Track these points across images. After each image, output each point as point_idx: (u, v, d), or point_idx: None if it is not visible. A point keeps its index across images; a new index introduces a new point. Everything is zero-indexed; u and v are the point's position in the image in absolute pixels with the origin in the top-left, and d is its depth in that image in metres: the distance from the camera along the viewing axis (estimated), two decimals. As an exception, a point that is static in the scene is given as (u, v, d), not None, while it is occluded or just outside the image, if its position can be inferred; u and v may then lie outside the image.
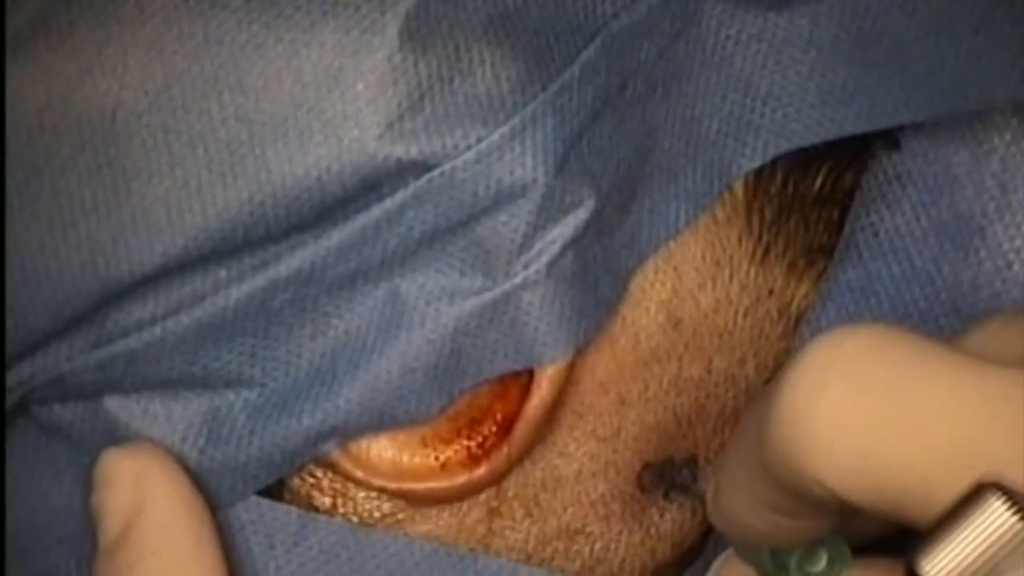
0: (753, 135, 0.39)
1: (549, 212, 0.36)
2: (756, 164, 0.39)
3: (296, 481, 0.39)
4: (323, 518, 0.39)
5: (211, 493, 0.38)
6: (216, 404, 0.38)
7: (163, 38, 0.36)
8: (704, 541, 0.41)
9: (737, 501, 0.34)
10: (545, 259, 0.37)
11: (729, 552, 0.37)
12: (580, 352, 0.38)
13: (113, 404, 0.38)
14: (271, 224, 0.36)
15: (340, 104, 0.35)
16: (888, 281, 0.41)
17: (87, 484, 0.38)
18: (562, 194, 0.37)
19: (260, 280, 0.37)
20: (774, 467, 0.31)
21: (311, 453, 0.38)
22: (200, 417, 0.38)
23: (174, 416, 0.38)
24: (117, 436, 0.38)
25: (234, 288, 0.37)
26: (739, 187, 0.40)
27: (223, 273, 0.37)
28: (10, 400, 0.39)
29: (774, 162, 0.39)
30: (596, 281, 0.38)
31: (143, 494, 0.36)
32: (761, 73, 0.39)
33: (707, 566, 0.39)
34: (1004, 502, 0.29)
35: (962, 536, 0.29)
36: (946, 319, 0.40)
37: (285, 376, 0.38)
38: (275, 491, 0.39)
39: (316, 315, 0.37)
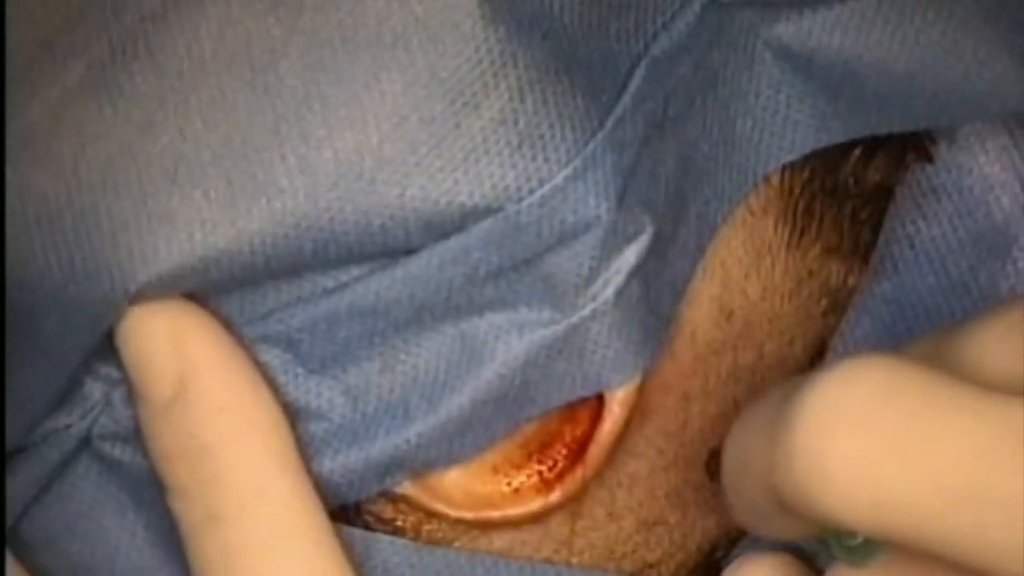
0: (791, 129, 0.39)
1: (612, 244, 0.36)
2: (794, 157, 0.39)
3: (377, 507, 0.39)
4: (386, 538, 0.39)
5: None
6: None
7: (224, 90, 0.36)
8: None
9: (740, 508, 0.34)
10: (611, 289, 0.36)
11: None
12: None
13: None
14: (331, 263, 0.36)
15: (404, 152, 0.36)
16: (924, 292, 0.41)
17: (148, 523, 0.38)
18: (624, 225, 0.36)
19: (322, 307, 0.37)
20: (787, 501, 0.32)
21: (378, 486, 0.38)
22: None
23: None
24: None
25: (300, 309, 0.37)
26: (774, 176, 0.40)
27: (288, 290, 0.37)
28: (76, 433, 0.39)
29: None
30: (658, 299, 0.38)
31: (188, 350, 0.35)
32: (793, 73, 0.39)
33: None
34: None
35: None
36: None
37: (352, 410, 0.38)
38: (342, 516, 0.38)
39: (385, 349, 0.37)
